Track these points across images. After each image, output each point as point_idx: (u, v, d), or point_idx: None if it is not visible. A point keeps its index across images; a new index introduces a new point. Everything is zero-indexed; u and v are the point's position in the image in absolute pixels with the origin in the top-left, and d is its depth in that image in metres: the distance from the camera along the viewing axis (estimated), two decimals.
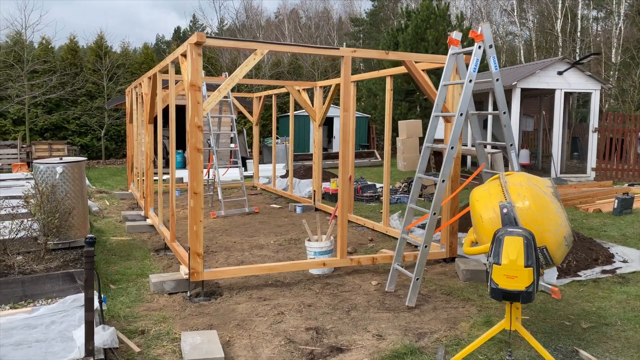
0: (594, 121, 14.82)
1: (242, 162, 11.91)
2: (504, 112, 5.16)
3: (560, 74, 14.15)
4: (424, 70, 6.54)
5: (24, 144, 19.54)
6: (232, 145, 12.02)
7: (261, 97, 12.63)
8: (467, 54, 5.36)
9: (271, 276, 5.76)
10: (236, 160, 11.59)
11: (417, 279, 4.90)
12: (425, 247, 5.00)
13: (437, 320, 4.52)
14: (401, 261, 5.44)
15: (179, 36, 51.71)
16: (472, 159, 16.87)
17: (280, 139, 20.72)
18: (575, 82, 14.40)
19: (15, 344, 3.58)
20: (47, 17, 63.49)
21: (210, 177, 10.79)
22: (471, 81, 5.01)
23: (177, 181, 11.88)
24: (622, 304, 4.94)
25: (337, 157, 17.47)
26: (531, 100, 18.51)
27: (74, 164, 6.34)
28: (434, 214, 4.99)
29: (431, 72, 6.60)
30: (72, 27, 75.17)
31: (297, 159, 18.35)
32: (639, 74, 24.77)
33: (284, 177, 13.99)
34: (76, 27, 70.92)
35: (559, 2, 29.25)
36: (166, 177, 13.74)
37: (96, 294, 3.61)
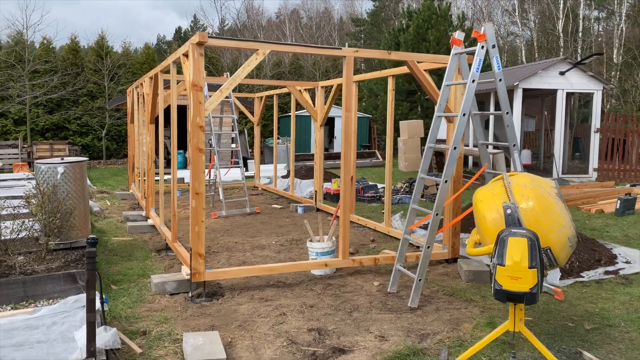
0: (596, 121, 14.80)
1: (243, 163, 11.90)
2: (507, 113, 5.14)
3: (562, 74, 14.14)
4: (426, 70, 6.52)
5: (25, 144, 19.53)
6: (234, 145, 12.02)
7: (262, 97, 12.62)
8: (469, 54, 5.35)
9: (273, 277, 5.74)
10: (237, 160, 11.58)
11: (420, 280, 4.88)
12: (427, 247, 4.98)
13: (439, 321, 4.50)
14: (403, 262, 5.43)
15: (180, 36, 51.79)
16: (473, 159, 16.85)
17: (281, 139, 20.71)
18: (577, 82, 14.38)
19: (16, 345, 3.57)
20: (48, 17, 63.62)
21: (211, 178, 10.78)
22: (474, 81, 4.99)
23: (178, 181, 11.88)
24: (626, 305, 4.92)
25: (339, 157, 17.50)
26: (533, 100, 18.50)
27: (75, 164, 6.33)
28: (437, 214, 4.97)
29: (433, 73, 6.59)
30: (73, 27, 75.26)
31: (299, 159, 18.33)
32: None
33: (285, 177, 13.96)
34: (77, 27, 71.10)
35: (561, 2, 29.21)
36: (167, 177, 13.74)
37: (98, 294, 3.60)
